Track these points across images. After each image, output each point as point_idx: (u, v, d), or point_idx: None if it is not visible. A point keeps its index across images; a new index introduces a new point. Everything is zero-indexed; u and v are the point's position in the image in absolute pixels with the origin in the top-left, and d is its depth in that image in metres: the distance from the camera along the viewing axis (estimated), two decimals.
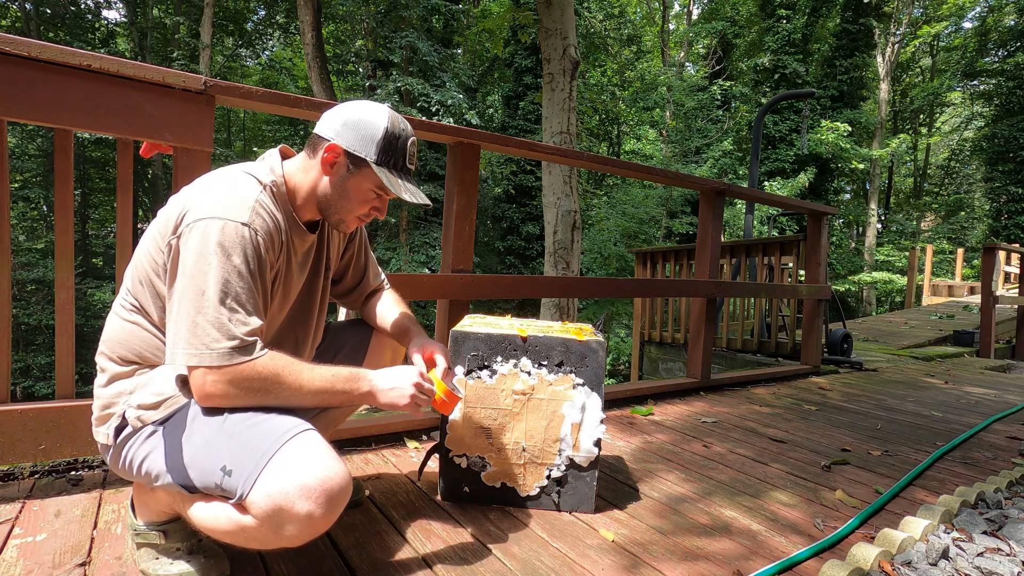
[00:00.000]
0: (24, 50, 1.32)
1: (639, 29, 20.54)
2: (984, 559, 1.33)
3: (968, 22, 19.58)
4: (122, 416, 1.03)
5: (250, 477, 0.89)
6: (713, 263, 3.14)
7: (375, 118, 1.12)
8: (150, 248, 1.03)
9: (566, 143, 5.47)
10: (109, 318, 1.08)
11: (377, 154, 1.11)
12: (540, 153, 2.35)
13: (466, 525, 1.41)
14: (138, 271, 1.04)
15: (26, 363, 12.21)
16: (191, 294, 0.94)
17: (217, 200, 0.99)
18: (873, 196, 19.38)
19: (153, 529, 1.10)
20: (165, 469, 0.98)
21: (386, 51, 13.06)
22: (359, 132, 1.11)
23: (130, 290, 1.05)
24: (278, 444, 0.91)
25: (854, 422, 2.68)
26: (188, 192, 1.05)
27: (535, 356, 1.49)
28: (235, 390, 0.95)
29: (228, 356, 0.94)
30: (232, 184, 1.04)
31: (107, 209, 16.13)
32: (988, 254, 6.43)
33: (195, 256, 0.94)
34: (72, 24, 14.55)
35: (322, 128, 1.13)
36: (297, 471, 0.89)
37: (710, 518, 1.54)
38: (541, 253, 14.32)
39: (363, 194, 1.15)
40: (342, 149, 1.11)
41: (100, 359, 1.07)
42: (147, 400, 1.02)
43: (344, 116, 1.12)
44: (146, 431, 1.01)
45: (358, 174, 1.13)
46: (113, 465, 1.06)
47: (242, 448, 0.92)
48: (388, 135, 1.12)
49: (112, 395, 1.04)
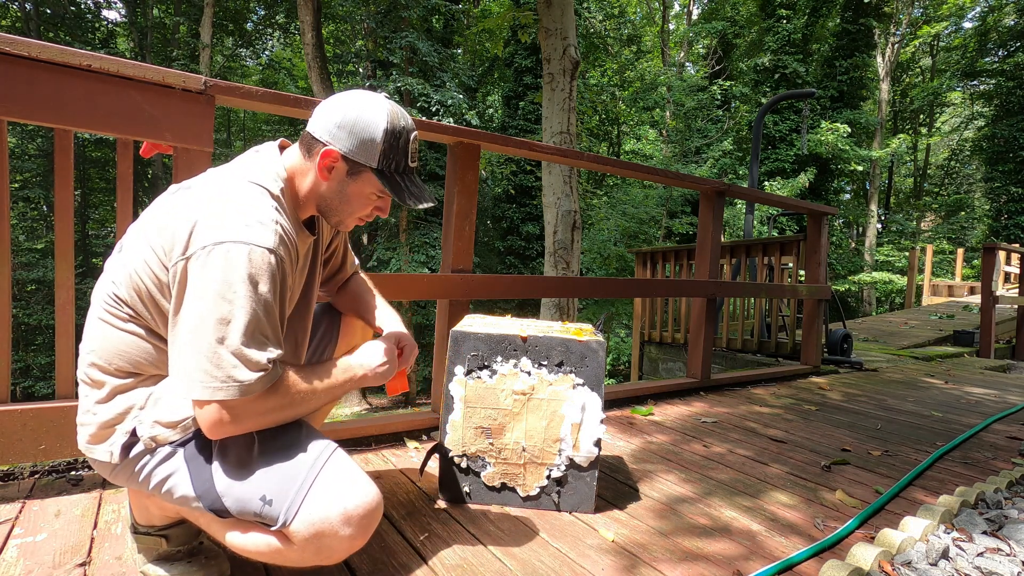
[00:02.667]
0: (24, 50, 1.32)
1: (639, 29, 20.54)
2: (984, 559, 1.33)
3: (968, 22, 19.59)
4: (130, 433, 0.97)
5: (292, 507, 0.92)
6: (713, 263, 3.14)
7: (374, 117, 1.03)
8: (151, 263, 0.94)
9: (566, 143, 5.47)
10: (94, 324, 0.99)
11: (378, 160, 1.04)
12: (540, 153, 2.35)
13: (466, 525, 1.41)
14: (136, 285, 0.95)
15: (26, 363, 12.21)
16: (212, 323, 0.88)
17: (238, 221, 0.92)
18: (873, 196, 19.38)
19: (155, 533, 1.09)
20: (194, 495, 0.95)
21: (386, 51, 13.06)
22: (357, 136, 1.02)
23: (125, 300, 0.96)
24: (315, 471, 0.95)
25: (854, 422, 2.68)
26: (195, 205, 0.95)
27: (535, 356, 1.49)
28: (252, 420, 0.94)
29: (248, 388, 0.90)
30: (248, 200, 0.96)
31: (107, 209, 16.14)
32: (988, 254, 6.43)
33: (219, 283, 0.88)
34: (72, 24, 14.55)
35: (316, 128, 1.04)
36: (337, 499, 0.93)
37: (710, 518, 1.54)
38: (541, 253, 14.33)
39: (364, 198, 1.10)
40: (339, 155, 1.03)
41: (91, 371, 0.98)
42: (164, 418, 0.96)
43: (339, 115, 1.03)
44: (162, 451, 0.97)
45: (359, 179, 1.07)
46: (120, 480, 1.01)
47: (281, 477, 0.94)
48: (388, 136, 1.04)
49: (117, 411, 0.97)
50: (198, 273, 0.89)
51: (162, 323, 0.97)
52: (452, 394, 1.50)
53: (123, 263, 0.97)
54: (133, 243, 0.98)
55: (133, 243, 0.98)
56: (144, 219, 1.00)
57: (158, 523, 1.09)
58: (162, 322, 0.97)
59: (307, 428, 1.04)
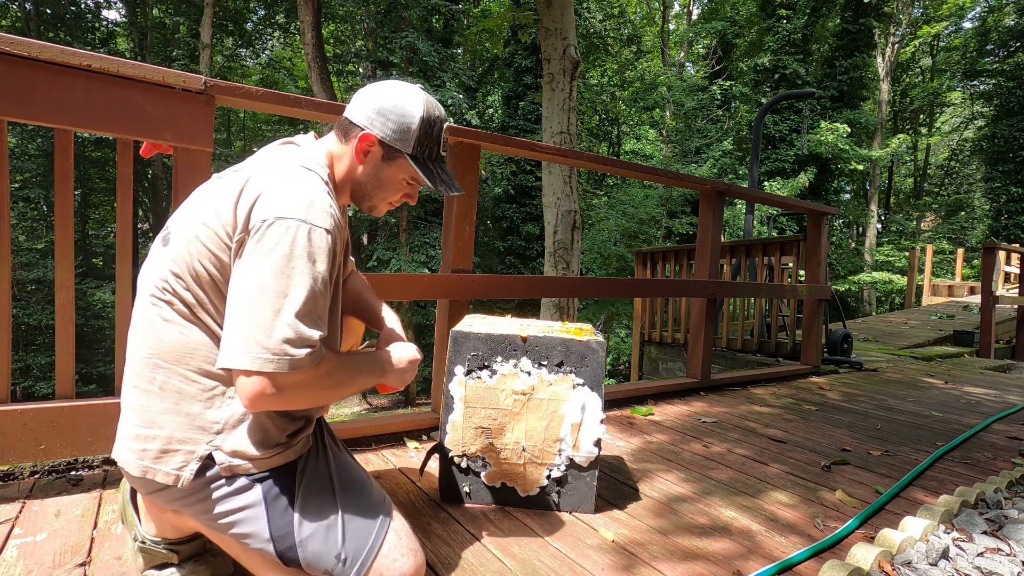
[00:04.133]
0: (24, 50, 1.32)
1: (639, 29, 20.55)
2: (984, 559, 1.33)
3: (968, 22, 19.60)
4: (205, 457, 0.92)
5: (360, 571, 0.96)
6: (713, 263, 3.14)
7: (411, 105, 1.08)
8: (210, 245, 0.92)
9: (566, 143, 5.47)
10: (147, 323, 0.94)
11: (413, 146, 1.09)
12: (540, 153, 2.35)
13: (466, 525, 1.41)
14: (194, 271, 0.92)
15: (26, 363, 12.21)
16: (271, 296, 0.87)
17: (300, 200, 0.93)
18: (873, 196, 19.39)
19: (166, 547, 1.06)
20: (268, 537, 0.93)
21: (386, 51, 13.07)
22: (394, 121, 1.07)
23: (181, 297, 0.93)
24: (381, 534, 0.99)
25: (854, 422, 2.68)
26: (254, 183, 0.94)
27: (535, 356, 1.49)
28: (293, 397, 0.92)
29: (298, 363, 0.89)
30: (306, 183, 0.97)
31: (107, 209, 16.15)
32: (988, 254, 6.43)
33: (280, 258, 0.88)
34: (72, 24, 14.56)
35: (354, 113, 1.09)
36: (398, 566, 0.98)
37: (709, 518, 1.54)
38: (541, 253, 14.32)
39: (397, 183, 1.14)
40: (376, 139, 1.08)
41: (158, 374, 0.92)
42: (249, 450, 0.93)
43: (378, 102, 1.08)
44: (239, 481, 0.94)
45: (393, 164, 1.11)
46: (170, 502, 0.95)
47: (354, 536, 0.97)
48: (424, 124, 1.09)
49: (187, 428, 0.92)
50: (258, 247, 0.89)
51: (223, 311, 0.93)
52: (452, 394, 1.50)
53: (174, 254, 0.94)
54: (184, 230, 0.95)
55: (184, 230, 0.95)
56: (193, 205, 0.98)
57: (172, 535, 1.06)
58: (223, 310, 0.93)
59: (367, 475, 1.06)
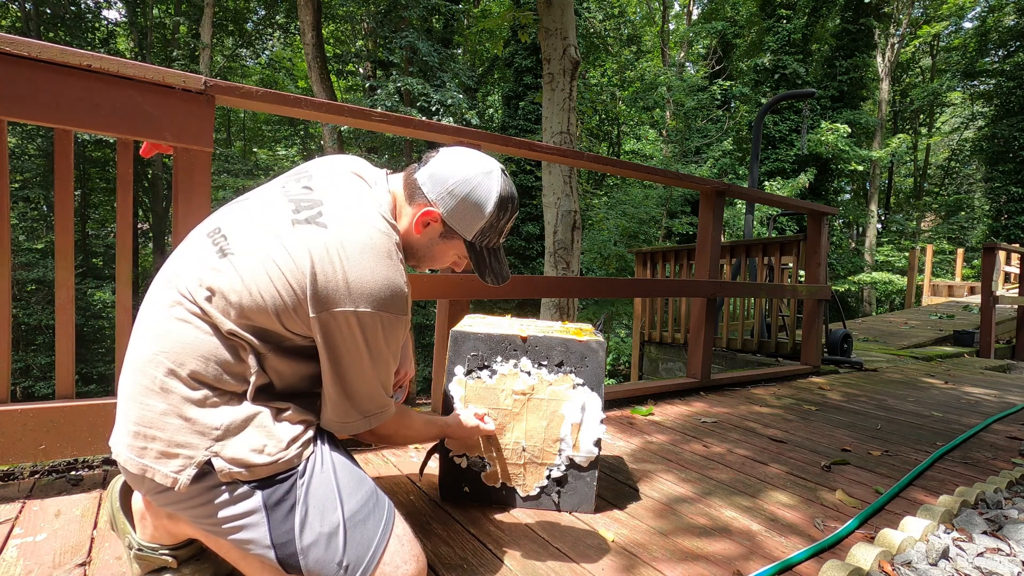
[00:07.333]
0: (24, 50, 1.32)
1: (639, 29, 20.55)
2: (984, 559, 1.33)
3: (968, 22, 19.61)
4: (203, 464, 0.90)
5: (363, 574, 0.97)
6: (713, 263, 3.14)
7: (484, 196, 1.07)
8: (275, 280, 0.91)
9: (566, 143, 5.47)
10: (168, 322, 0.91)
11: (474, 235, 1.10)
12: (540, 153, 2.35)
13: (466, 525, 1.41)
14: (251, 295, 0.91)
15: (26, 363, 12.21)
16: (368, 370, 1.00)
17: (383, 290, 0.95)
18: (873, 196, 19.39)
19: (163, 553, 1.04)
20: (269, 543, 0.93)
21: (386, 51, 13.07)
22: (463, 208, 1.06)
23: (216, 305, 0.91)
24: (383, 543, 0.99)
25: (854, 422, 2.68)
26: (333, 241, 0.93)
27: (535, 356, 1.49)
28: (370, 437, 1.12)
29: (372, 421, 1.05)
30: (387, 264, 0.97)
31: (107, 209, 16.14)
32: (988, 254, 6.43)
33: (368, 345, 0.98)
34: (72, 24, 14.55)
35: (426, 182, 1.06)
36: (400, 573, 0.98)
37: (709, 518, 1.54)
38: (541, 253, 14.32)
39: (448, 257, 1.16)
40: (440, 217, 1.07)
41: (166, 378, 0.89)
42: (249, 457, 0.91)
43: (452, 181, 1.05)
44: (239, 488, 0.92)
45: (449, 242, 1.12)
46: (167, 504, 0.94)
47: (356, 544, 0.97)
48: (491, 217, 1.09)
49: (187, 432, 0.90)
50: (338, 328, 0.95)
51: (260, 336, 0.94)
52: (452, 394, 1.50)
53: (231, 276, 0.92)
54: (251, 256, 0.93)
55: (251, 256, 0.93)
56: (261, 223, 0.96)
57: (168, 541, 1.04)
58: (261, 335, 0.94)
59: (369, 479, 1.07)
